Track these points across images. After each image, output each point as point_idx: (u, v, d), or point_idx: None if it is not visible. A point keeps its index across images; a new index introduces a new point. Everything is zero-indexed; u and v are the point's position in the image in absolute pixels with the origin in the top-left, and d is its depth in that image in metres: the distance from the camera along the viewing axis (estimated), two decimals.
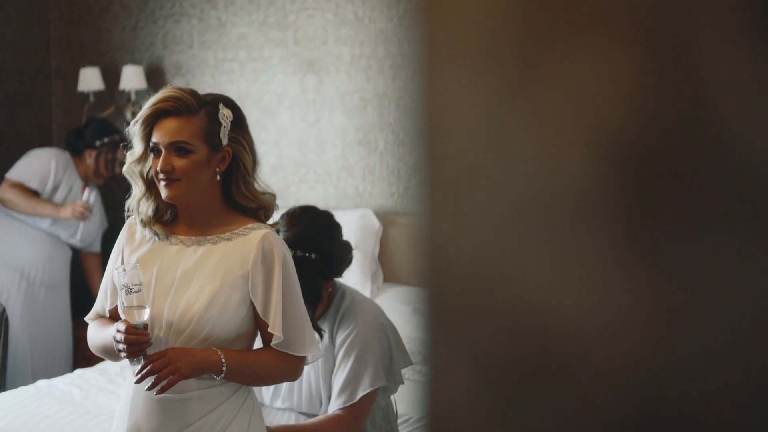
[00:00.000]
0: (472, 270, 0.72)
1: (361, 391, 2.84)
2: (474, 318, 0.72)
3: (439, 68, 0.72)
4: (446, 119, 0.71)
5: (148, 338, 2.33)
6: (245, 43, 5.93)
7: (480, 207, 0.71)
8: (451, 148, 0.72)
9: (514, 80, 0.69)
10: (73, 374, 4.36)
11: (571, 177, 0.67)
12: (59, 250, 5.31)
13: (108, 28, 6.30)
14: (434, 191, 0.72)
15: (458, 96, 0.71)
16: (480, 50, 0.70)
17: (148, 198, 2.48)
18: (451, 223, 0.72)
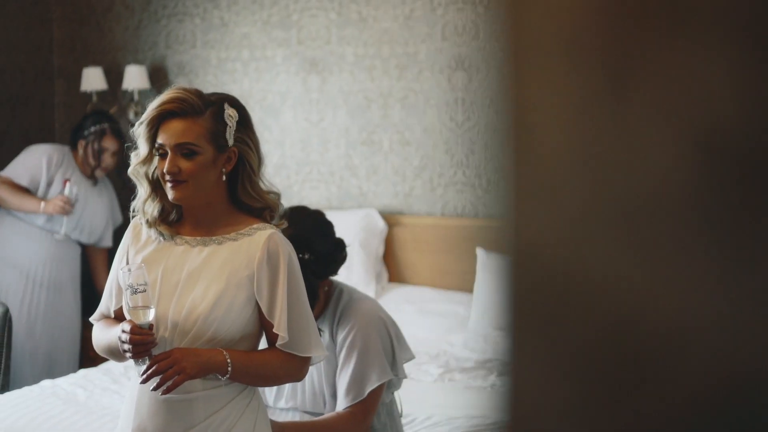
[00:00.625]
0: (561, 271, 0.71)
1: (368, 387, 2.85)
2: (564, 320, 0.71)
3: (525, 69, 0.71)
4: (534, 119, 0.70)
5: (153, 338, 2.33)
6: (248, 42, 5.93)
7: (570, 207, 0.70)
8: (539, 149, 0.71)
9: (603, 79, 0.68)
10: (77, 374, 4.35)
11: (666, 174, 0.66)
12: (64, 248, 5.25)
13: (111, 27, 6.29)
14: (521, 192, 0.71)
15: (546, 96, 0.70)
16: (567, 49, 0.69)
17: (154, 199, 2.47)
18: (538, 224, 0.71)
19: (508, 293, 0.74)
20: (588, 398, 0.70)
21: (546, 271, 0.71)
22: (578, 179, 0.69)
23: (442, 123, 5.45)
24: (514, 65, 0.71)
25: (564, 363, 0.71)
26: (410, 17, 5.50)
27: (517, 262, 0.73)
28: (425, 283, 5.41)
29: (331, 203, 5.76)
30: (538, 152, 0.71)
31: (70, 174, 5.23)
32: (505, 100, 0.72)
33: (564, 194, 0.70)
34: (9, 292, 5.09)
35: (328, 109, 5.75)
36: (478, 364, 4.44)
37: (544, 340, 0.72)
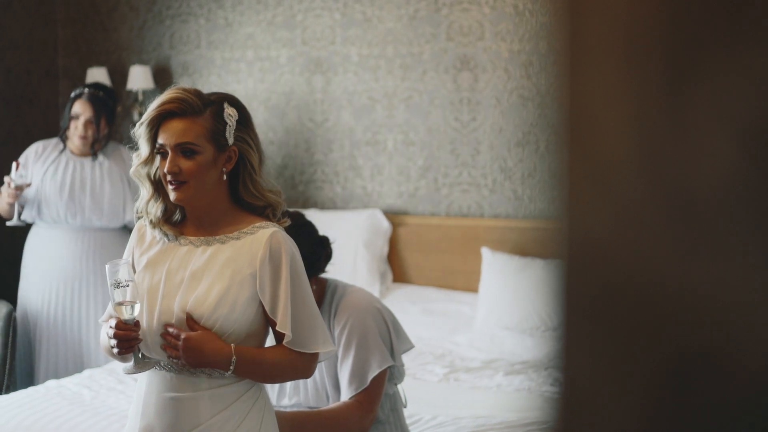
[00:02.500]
0: (617, 269, 0.71)
1: (370, 375, 2.87)
2: (619, 317, 0.71)
3: (582, 70, 0.71)
4: (591, 120, 0.70)
5: (137, 334, 2.35)
6: (253, 42, 5.93)
7: (626, 205, 0.70)
8: (596, 148, 0.71)
9: (662, 79, 0.68)
10: (82, 374, 4.35)
11: (722, 173, 0.67)
12: (86, 240, 4.96)
13: (115, 28, 6.30)
14: (576, 191, 0.71)
15: (604, 96, 0.70)
16: (625, 50, 0.69)
17: (157, 199, 2.48)
18: (594, 223, 0.71)
19: (562, 291, 0.73)
20: (643, 395, 0.70)
21: (601, 269, 0.71)
22: (635, 178, 0.69)
23: (446, 123, 5.45)
24: (572, 67, 0.71)
25: (618, 360, 0.71)
26: (415, 17, 5.50)
27: (570, 260, 0.72)
28: (430, 283, 5.42)
29: (335, 203, 5.76)
30: (594, 151, 0.71)
31: (51, 162, 4.92)
32: (561, 100, 0.71)
33: (620, 192, 0.70)
34: (43, 292, 4.95)
35: (332, 109, 5.75)
36: (484, 364, 4.44)
37: (599, 338, 0.72)
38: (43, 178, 4.91)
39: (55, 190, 4.90)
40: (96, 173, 4.98)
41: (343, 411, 2.87)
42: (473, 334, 4.82)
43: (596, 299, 0.72)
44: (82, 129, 4.92)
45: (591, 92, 0.71)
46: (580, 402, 0.74)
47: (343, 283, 3.06)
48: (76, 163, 4.98)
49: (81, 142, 4.94)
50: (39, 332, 5.00)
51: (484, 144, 5.39)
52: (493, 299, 4.93)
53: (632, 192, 0.69)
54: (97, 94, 4.97)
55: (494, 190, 5.38)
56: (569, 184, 0.72)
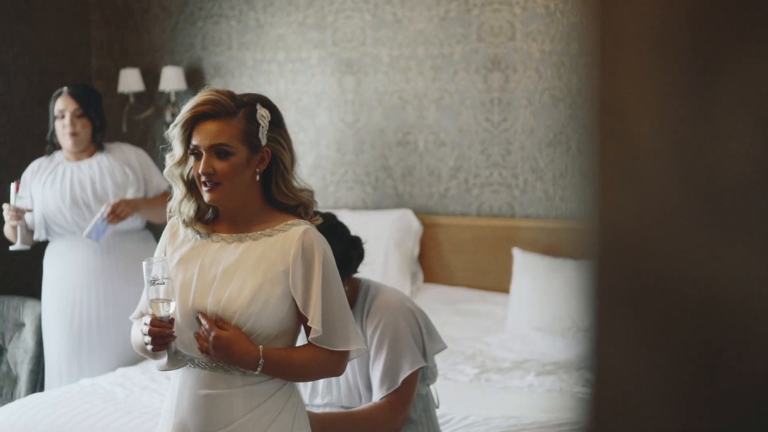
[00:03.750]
0: (648, 256, 0.72)
1: (401, 375, 2.87)
2: (651, 304, 0.72)
3: (613, 63, 0.72)
4: (622, 112, 0.71)
5: (172, 331, 2.37)
6: (284, 44, 5.95)
7: (657, 194, 0.71)
8: (627, 139, 0.71)
9: (691, 72, 0.69)
10: (115, 373, 4.38)
11: (751, 161, 0.67)
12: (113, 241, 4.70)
13: (148, 29, 6.34)
14: (607, 180, 0.72)
15: (635, 89, 0.71)
16: (655, 44, 0.70)
17: (189, 199, 2.50)
18: (625, 211, 0.72)
19: (594, 284, 0.74)
20: (676, 382, 0.71)
21: (633, 260, 0.72)
22: (665, 169, 0.70)
23: (477, 123, 5.45)
24: (602, 60, 0.71)
25: (651, 346, 0.72)
26: (445, 18, 5.50)
27: (602, 253, 0.73)
28: (461, 283, 5.41)
29: (366, 204, 5.77)
30: (625, 143, 0.71)
31: (50, 173, 4.67)
32: (592, 93, 0.72)
33: (651, 184, 0.70)
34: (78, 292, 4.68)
35: (363, 110, 5.76)
36: (515, 364, 4.43)
37: (631, 324, 0.73)
38: (43, 192, 4.62)
39: (57, 198, 4.61)
40: (95, 171, 4.68)
41: (374, 412, 2.87)
42: (504, 335, 4.81)
43: (628, 291, 0.72)
44: (70, 124, 4.57)
45: (621, 85, 0.71)
46: (612, 383, 0.75)
47: (375, 283, 3.07)
48: (73, 168, 4.67)
49: (73, 141, 4.59)
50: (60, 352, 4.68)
51: (515, 144, 5.38)
52: (525, 300, 4.92)
53: (663, 183, 0.70)
54: (77, 87, 4.71)
55: (525, 190, 5.37)
56: (601, 177, 0.72)
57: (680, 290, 0.70)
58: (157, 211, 4.71)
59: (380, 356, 2.90)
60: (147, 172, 4.83)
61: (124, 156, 4.78)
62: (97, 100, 4.75)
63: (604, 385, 0.75)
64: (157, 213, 4.72)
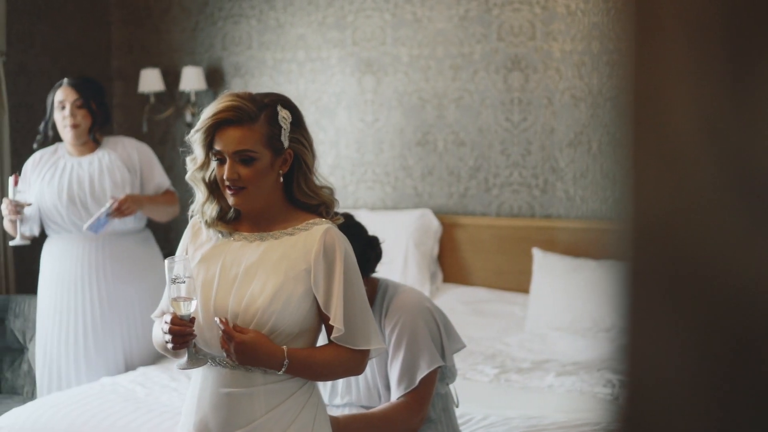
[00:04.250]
0: (683, 245, 0.71)
1: (419, 375, 2.87)
2: (686, 293, 0.71)
3: (647, 49, 0.71)
4: (656, 99, 0.71)
5: (192, 329, 2.37)
6: (304, 43, 5.96)
7: (693, 182, 0.70)
8: (661, 127, 0.71)
9: (725, 58, 0.69)
10: (136, 372, 4.39)
11: None
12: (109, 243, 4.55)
13: (168, 29, 6.36)
14: (641, 168, 0.72)
15: (669, 76, 0.71)
16: (689, 30, 0.70)
17: (212, 201, 2.51)
18: (660, 200, 0.71)
19: (627, 274, 0.73)
20: (712, 377, 0.70)
21: (668, 250, 0.71)
22: (702, 159, 0.69)
23: (497, 123, 5.44)
24: (637, 51, 0.71)
25: (686, 341, 0.71)
26: (465, 18, 5.49)
27: (637, 242, 0.72)
28: (480, 283, 5.41)
29: (386, 203, 5.77)
30: (661, 134, 0.71)
31: (50, 167, 4.55)
32: (626, 79, 0.72)
33: (687, 174, 0.70)
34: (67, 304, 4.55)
35: (382, 109, 5.76)
36: (535, 364, 4.42)
37: (667, 319, 0.72)
38: (41, 187, 4.50)
39: (54, 196, 4.48)
40: (95, 168, 4.53)
41: (392, 411, 2.87)
42: (524, 335, 4.80)
43: (664, 285, 0.72)
44: (71, 115, 4.44)
45: (656, 76, 0.71)
46: (645, 374, 0.74)
47: (394, 282, 3.07)
48: (74, 164, 4.54)
49: (73, 133, 4.47)
50: (50, 357, 4.58)
51: (535, 144, 5.37)
52: (545, 300, 4.91)
53: (699, 175, 0.69)
54: (78, 79, 4.58)
55: (545, 190, 5.35)
56: (635, 169, 0.72)
57: (717, 284, 0.69)
58: (160, 210, 4.62)
59: (398, 356, 2.90)
60: (148, 169, 4.65)
61: (126, 152, 4.61)
62: (99, 91, 4.60)
63: (638, 381, 0.74)
64: (160, 212, 4.63)
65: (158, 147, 6.40)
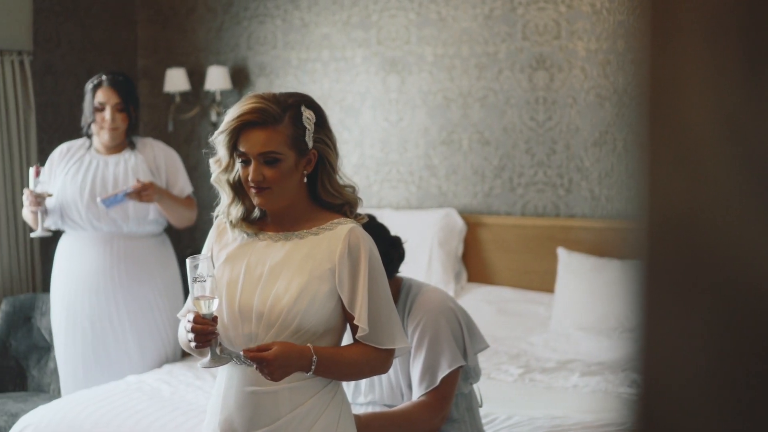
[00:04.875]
0: (699, 241, 0.71)
1: (440, 374, 2.87)
2: (702, 289, 0.71)
3: (664, 47, 0.71)
4: (672, 95, 0.71)
5: (214, 328, 2.37)
6: (328, 43, 5.96)
7: (709, 177, 0.70)
8: (677, 122, 0.71)
9: (742, 55, 0.69)
10: (161, 370, 4.41)
11: None
12: (117, 245, 4.49)
13: (193, 29, 6.38)
14: (657, 163, 0.71)
15: (685, 72, 0.71)
16: (706, 26, 0.70)
17: (237, 202, 2.51)
18: (676, 194, 0.71)
19: (643, 269, 0.73)
20: (731, 374, 0.70)
21: (685, 245, 0.71)
22: (720, 154, 0.69)
23: (522, 122, 5.43)
24: (655, 47, 0.71)
25: (701, 332, 0.70)
26: (490, 17, 5.48)
27: (653, 237, 0.72)
28: (505, 283, 5.40)
29: (410, 203, 5.77)
30: (678, 129, 0.70)
31: (75, 161, 4.49)
32: (644, 77, 0.72)
33: (705, 169, 0.69)
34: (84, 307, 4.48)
35: (407, 109, 5.76)
36: (560, 364, 4.41)
37: (683, 315, 0.71)
38: (64, 180, 4.45)
39: (75, 192, 4.43)
40: (120, 170, 4.48)
41: (413, 410, 2.88)
42: (548, 335, 4.79)
43: (680, 280, 0.71)
44: (111, 119, 4.39)
45: (673, 71, 0.71)
46: (660, 370, 0.74)
47: (417, 282, 3.07)
48: (100, 162, 4.49)
49: (111, 135, 4.43)
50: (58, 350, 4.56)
51: (559, 143, 5.35)
52: (570, 300, 4.90)
53: (717, 171, 0.69)
54: (117, 78, 4.48)
55: (570, 189, 5.34)
56: (652, 164, 0.71)
57: (734, 280, 0.69)
58: (178, 210, 4.51)
59: (420, 355, 2.90)
60: (173, 174, 4.59)
61: (153, 155, 4.56)
62: (135, 91, 4.56)
63: (654, 381, 0.74)
64: (178, 212, 4.51)
65: (183, 146, 6.42)
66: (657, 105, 0.71)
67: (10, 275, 5.37)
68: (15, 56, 5.38)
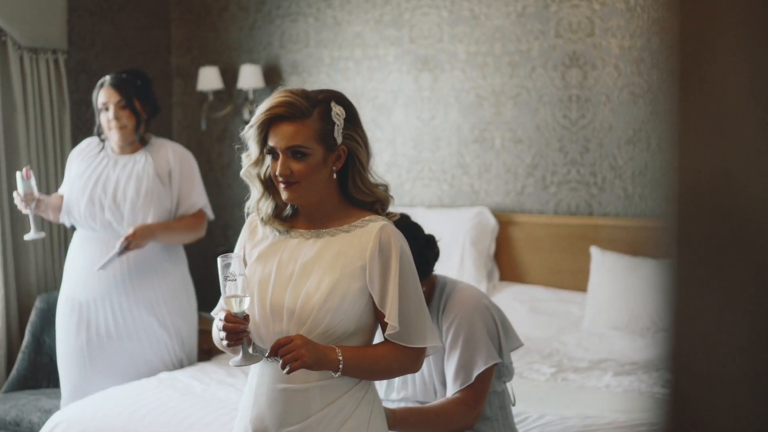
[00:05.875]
0: (730, 205, 0.70)
1: (475, 371, 2.86)
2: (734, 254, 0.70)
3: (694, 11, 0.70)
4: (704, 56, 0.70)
5: (245, 326, 2.38)
6: (361, 41, 5.96)
7: (739, 141, 0.69)
8: (709, 86, 0.70)
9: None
10: (194, 367, 4.43)
11: None
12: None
13: (226, 28, 6.40)
14: (688, 130, 0.71)
15: (715, 37, 0.70)
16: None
17: (267, 197, 2.51)
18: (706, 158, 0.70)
19: (672, 229, 0.72)
20: (761, 335, 0.68)
21: (713, 206, 0.70)
22: (748, 116, 0.67)
23: (555, 120, 5.40)
24: (684, 8, 0.70)
25: (734, 297, 0.69)
26: (523, 14, 5.46)
27: (682, 197, 0.71)
28: (537, 282, 5.37)
29: (442, 201, 5.76)
30: (707, 91, 0.69)
31: (89, 161, 4.43)
32: (674, 40, 0.70)
33: (733, 130, 0.68)
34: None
35: (439, 107, 5.74)
36: (592, 364, 4.38)
37: (713, 275, 0.70)
38: (73, 176, 4.42)
39: (78, 189, 4.38)
40: (124, 173, 4.37)
41: (448, 407, 2.87)
42: (581, 334, 4.77)
43: (712, 248, 0.70)
44: (115, 118, 4.29)
45: (703, 34, 0.69)
46: (691, 337, 0.72)
47: (452, 279, 3.06)
48: (109, 163, 4.41)
49: (121, 134, 4.32)
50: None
51: (593, 142, 5.32)
52: (603, 299, 4.87)
53: (744, 132, 0.68)
54: (120, 76, 4.36)
55: (604, 188, 5.30)
56: (681, 126, 0.70)
57: (761, 237, 0.68)
58: (178, 237, 4.39)
59: (455, 352, 2.89)
60: (187, 185, 4.45)
61: (166, 160, 4.41)
62: (141, 87, 4.39)
63: (686, 354, 0.72)
64: (178, 238, 4.40)
65: (216, 144, 6.45)
66: (687, 70, 0.70)
67: (45, 273, 5.41)
68: (50, 55, 5.42)
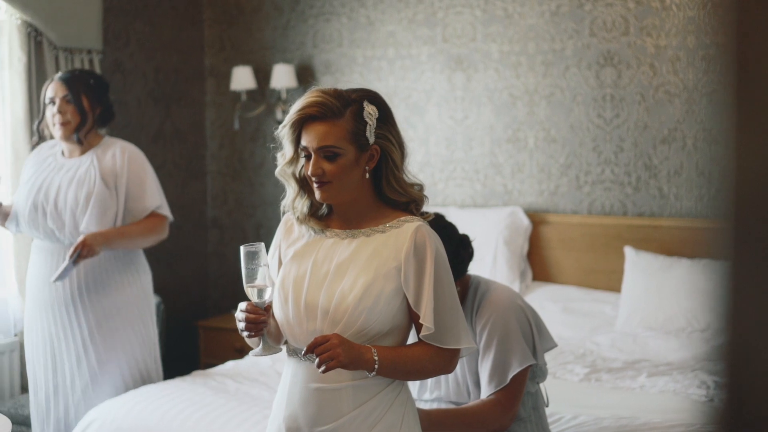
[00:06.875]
0: None
1: (510, 373, 2.85)
2: None
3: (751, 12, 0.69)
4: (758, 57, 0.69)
5: (266, 317, 2.39)
6: (394, 40, 5.96)
7: None
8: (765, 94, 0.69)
9: None
10: (225, 366, 4.45)
11: None
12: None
13: (259, 27, 6.42)
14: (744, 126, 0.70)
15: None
16: None
17: (302, 196, 2.52)
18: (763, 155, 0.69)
19: (729, 229, 0.70)
20: None
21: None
22: None
23: (589, 120, 5.37)
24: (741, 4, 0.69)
25: None
26: (557, 13, 5.44)
27: (739, 199, 0.70)
28: (570, 282, 5.35)
29: (475, 201, 5.74)
30: (765, 86, 0.68)
31: (34, 161, 4.19)
32: (729, 46, 0.70)
33: None
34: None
35: (473, 106, 5.73)
36: (626, 364, 4.36)
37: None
38: (23, 182, 4.17)
39: (23, 194, 4.12)
40: (66, 176, 4.09)
41: (483, 409, 2.86)
42: (615, 335, 4.74)
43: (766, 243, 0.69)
44: (59, 112, 4.03)
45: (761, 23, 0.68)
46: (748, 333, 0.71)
47: (486, 279, 3.04)
48: (55, 166, 4.14)
49: (63, 130, 4.03)
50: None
51: (627, 141, 5.29)
52: (637, 299, 4.84)
53: None
54: (72, 72, 4.13)
55: (638, 188, 5.27)
56: (738, 127, 0.69)
57: None
58: (135, 242, 4.09)
59: (489, 353, 2.88)
60: (137, 186, 4.11)
61: (113, 162, 4.09)
62: (94, 87, 4.13)
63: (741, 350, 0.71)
64: (135, 243, 4.10)
65: (249, 144, 6.47)
66: (744, 67, 0.69)
67: None
68: (85, 54, 5.46)
